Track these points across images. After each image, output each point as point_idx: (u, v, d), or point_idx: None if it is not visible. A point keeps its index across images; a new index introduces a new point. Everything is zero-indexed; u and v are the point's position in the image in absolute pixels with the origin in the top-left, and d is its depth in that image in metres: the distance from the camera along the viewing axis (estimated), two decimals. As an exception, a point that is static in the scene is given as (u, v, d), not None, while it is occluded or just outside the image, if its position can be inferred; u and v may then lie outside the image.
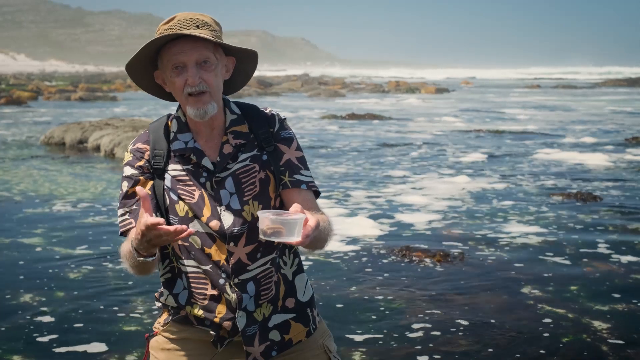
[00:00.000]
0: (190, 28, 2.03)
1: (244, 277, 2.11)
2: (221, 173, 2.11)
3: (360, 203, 9.17)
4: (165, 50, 2.06)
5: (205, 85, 2.05)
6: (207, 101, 2.06)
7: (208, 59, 2.05)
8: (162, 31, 2.06)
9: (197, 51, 2.04)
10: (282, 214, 1.87)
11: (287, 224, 1.85)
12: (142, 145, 2.16)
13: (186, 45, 2.03)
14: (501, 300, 5.32)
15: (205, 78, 2.05)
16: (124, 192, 2.13)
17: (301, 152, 2.22)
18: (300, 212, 1.86)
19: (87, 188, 10.29)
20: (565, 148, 15.38)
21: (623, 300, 5.33)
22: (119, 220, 2.13)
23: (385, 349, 4.43)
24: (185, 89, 2.05)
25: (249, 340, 2.13)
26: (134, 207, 2.10)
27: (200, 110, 2.06)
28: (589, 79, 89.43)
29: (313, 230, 1.86)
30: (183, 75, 2.05)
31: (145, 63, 2.13)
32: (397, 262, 6.36)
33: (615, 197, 9.53)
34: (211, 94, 2.07)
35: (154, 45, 2.05)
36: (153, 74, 2.16)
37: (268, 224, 1.86)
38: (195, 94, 2.05)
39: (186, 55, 2.03)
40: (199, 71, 2.04)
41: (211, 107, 2.07)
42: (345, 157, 13.91)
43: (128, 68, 2.13)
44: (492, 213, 8.51)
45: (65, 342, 4.55)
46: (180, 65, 2.04)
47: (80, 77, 79.76)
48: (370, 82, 66.89)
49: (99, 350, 4.41)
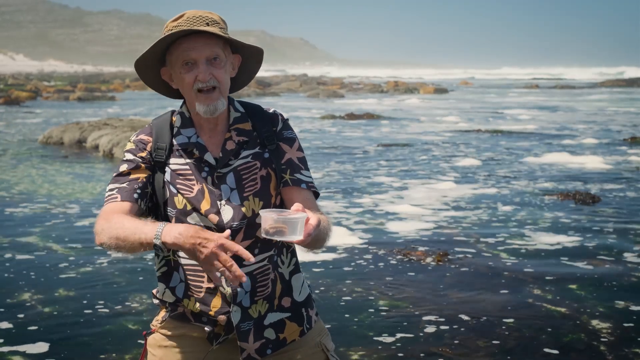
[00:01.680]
0: (200, 25, 2.06)
1: None
2: (223, 169, 2.14)
3: (358, 203, 9.17)
4: (175, 47, 2.09)
5: (216, 81, 2.08)
6: (217, 97, 2.10)
7: (218, 56, 2.09)
8: (170, 28, 2.09)
9: (208, 48, 2.07)
10: (284, 213, 1.87)
11: (290, 223, 1.85)
12: (145, 137, 2.19)
13: (197, 42, 2.06)
14: (501, 300, 5.32)
15: (215, 74, 2.08)
16: (120, 172, 2.14)
17: (302, 153, 2.25)
18: (301, 211, 1.87)
19: (85, 188, 10.28)
20: (564, 148, 15.38)
21: (623, 300, 5.33)
22: (107, 194, 2.13)
23: (384, 349, 4.43)
24: (195, 84, 2.08)
25: (243, 335, 2.15)
26: (125, 185, 2.11)
27: (210, 107, 2.09)
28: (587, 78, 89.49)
29: (314, 229, 1.88)
30: (193, 72, 2.07)
31: (152, 60, 2.15)
32: (397, 262, 6.35)
33: (614, 198, 9.53)
34: (220, 90, 2.10)
35: (167, 41, 2.07)
36: (159, 71, 2.19)
37: (271, 222, 1.86)
38: (205, 90, 2.08)
39: (197, 51, 2.06)
40: (209, 67, 2.07)
41: (221, 104, 2.11)
42: (344, 157, 13.92)
43: (137, 64, 2.15)
44: (491, 213, 8.51)
45: (64, 340, 4.55)
46: (190, 61, 2.07)
47: (78, 77, 79.69)
48: (369, 82, 66.84)
49: (97, 349, 4.41)
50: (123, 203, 2.08)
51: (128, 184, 2.11)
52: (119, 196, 2.09)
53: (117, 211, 2.05)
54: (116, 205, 2.07)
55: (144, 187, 2.13)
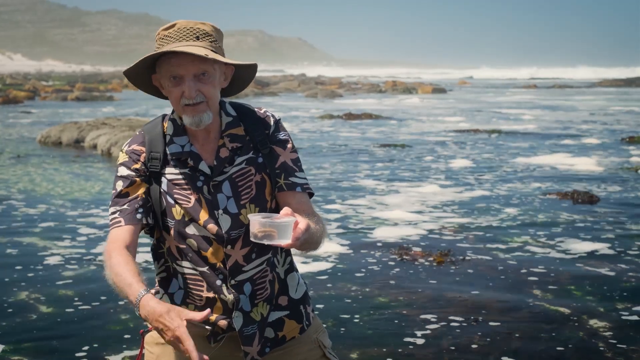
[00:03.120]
0: (190, 39, 2.03)
1: (240, 279, 2.13)
2: (218, 177, 2.12)
3: (356, 203, 9.17)
4: (163, 60, 2.06)
5: (202, 97, 2.05)
6: (204, 110, 2.06)
7: (206, 71, 2.05)
8: (161, 36, 2.06)
9: (194, 65, 2.03)
10: (272, 217, 1.90)
11: (278, 227, 1.88)
12: (137, 147, 2.15)
13: (185, 58, 2.02)
14: (501, 301, 5.31)
15: (202, 90, 2.05)
16: (118, 192, 2.13)
17: (296, 154, 2.24)
18: (290, 215, 1.88)
19: (84, 187, 10.27)
20: (563, 148, 15.40)
21: (623, 300, 5.32)
22: (110, 217, 2.13)
23: (384, 349, 4.42)
24: (182, 100, 2.05)
25: (248, 340, 2.15)
26: (125, 206, 2.10)
27: (195, 119, 2.07)
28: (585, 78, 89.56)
29: (303, 233, 1.89)
30: (180, 87, 2.05)
31: (143, 68, 2.12)
32: (396, 262, 6.34)
33: (613, 197, 9.53)
34: (208, 104, 2.07)
35: (150, 59, 2.05)
36: (151, 76, 2.16)
37: (259, 227, 1.88)
38: (192, 104, 2.05)
39: (184, 68, 2.03)
40: (196, 84, 2.04)
41: (207, 117, 2.07)
42: (345, 157, 13.92)
43: (127, 73, 2.13)
44: (490, 213, 8.51)
45: (63, 339, 4.54)
46: (177, 76, 2.04)
47: (76, 76, 79.69)
48: (367, 82, 66.89)
49: (96, 347, 4.39)
50: (127, 227, 2.08)
51: (129, 205, 2.10)
52: (122, 220, 2.09)
53: (121, 240, 2.07)
54: (120, 232, 2.08)
55: (145, 203, 2.12)
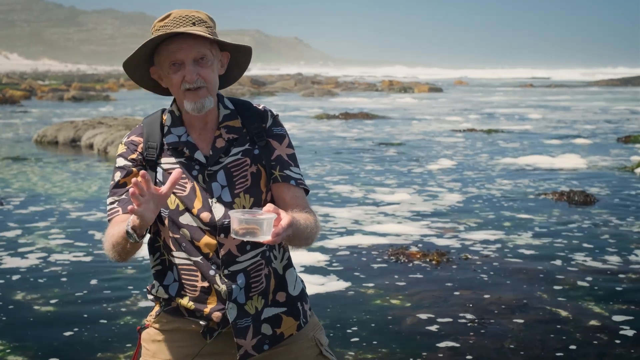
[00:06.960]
0: (186, 25, 2.07)
1: (233, 269, 2.14)
2: (213, 166, 2.15)
3: (351, 203, 9.17)
4: (162, 48, 2.10)
5: (203, 81, 2.10)
6: (205, 95, 2.11)
7: (205, 56, 2.10)
8: (157, 28, 2.10)
9: (194, 48, 2.08)
10: (253, 214, 1.89)
11: (257, 223, 1.87)
12: (136, 137, 2.21)
13: (183, 42, 2.07)
14: (501, 301, 5.32)
15: (202, 74, 2.10)
16: (116, 182, 2.18)
17: (292, 150, 2.26)
18: (272, 211, 1.87)
19: (81, 186, 10.26)
20: (560, 148, 15.42)
21: (623, 300, 5.34)
22: (108, 208, 2.18)
23: (382, 349, 4.43)
24: (183, 85, 2.10)
25: (241, 333, 2.15)
26: (124, 196, 2.15)
27: (197, 104, 2.10)
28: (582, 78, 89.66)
29: (285, 229, 1.88)
30: (181, 72, 2.09)
31: (141, 60, 2.16)
32: (396, 262, 6.35)
33: (610, 197, 9.55)
34: (208, 89, 2.11)
35: (151, 44, 2.09)
36: (149, 70, 2.20)
37: (238, 223, 1.88)
38: (193, 89, 2.09)
39: (184, 52, 2.07)
40: (196, 68, 2.09)
41: (208, 101, 2.12)
42: (342, 156, 13.93)
43: (125, 66, 2.16)
44: (488, 213, 8.52)
45: (61, 338, 4.54)
46: (177, 62, 2.09)
47: (73, 76, 79.58)
48: (364, 82, 66.89)
49: (95, 346, 4.40)
50: (125, 216, 2.11)
51: (126, 195, 2.15)
52: (119, 209, 2.14)
53: None
54: (119, 220, 2.12)
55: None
